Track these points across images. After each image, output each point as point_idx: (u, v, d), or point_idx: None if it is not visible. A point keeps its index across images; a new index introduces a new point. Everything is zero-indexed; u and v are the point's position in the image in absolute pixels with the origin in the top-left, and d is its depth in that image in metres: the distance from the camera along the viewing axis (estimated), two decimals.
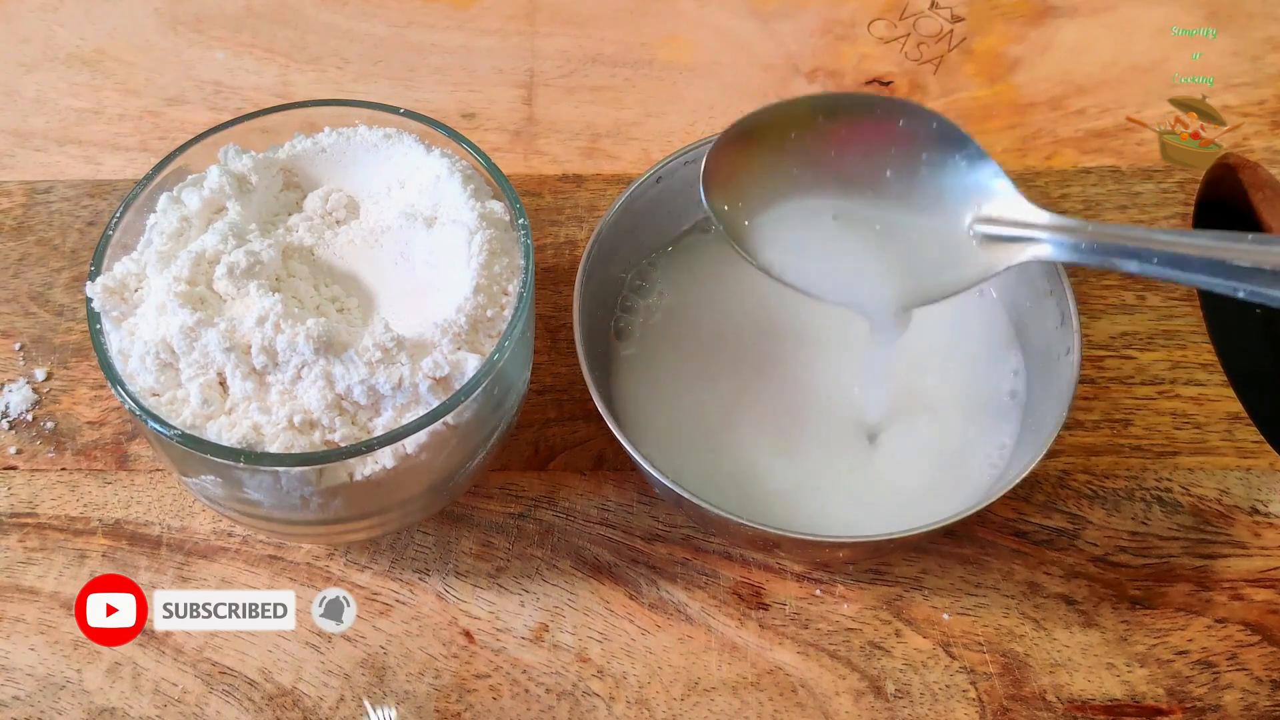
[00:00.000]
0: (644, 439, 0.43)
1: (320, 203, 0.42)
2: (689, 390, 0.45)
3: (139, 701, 0.41)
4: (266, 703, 0.41)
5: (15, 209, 0.54)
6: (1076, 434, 0.46)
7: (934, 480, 0.43)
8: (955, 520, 0.37)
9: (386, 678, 0.41)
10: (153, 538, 0.44)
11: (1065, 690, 0.41)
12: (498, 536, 0.44)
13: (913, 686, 0.41)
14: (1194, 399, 0.47)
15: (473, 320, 0.38)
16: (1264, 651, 0.41)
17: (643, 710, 0.40)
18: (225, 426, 0.36)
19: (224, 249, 0.38)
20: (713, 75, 0.58)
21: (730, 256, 0.48)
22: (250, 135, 0.42)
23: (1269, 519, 0.44)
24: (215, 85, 0.58)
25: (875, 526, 0.39)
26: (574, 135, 0.56)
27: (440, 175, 0.41)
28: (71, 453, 0.46)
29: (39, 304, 0.50)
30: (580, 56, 0.59)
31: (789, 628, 0.42)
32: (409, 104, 0.44)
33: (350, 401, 0.36)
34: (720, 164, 0.41)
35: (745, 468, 0.43)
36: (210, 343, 0.36)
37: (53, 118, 0.57)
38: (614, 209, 0.44)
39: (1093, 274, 0.50)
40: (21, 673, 0.41)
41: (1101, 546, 0.44)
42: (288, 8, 0.61)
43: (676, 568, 0.43)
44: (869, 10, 0.61)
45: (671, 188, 0.46)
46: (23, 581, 0.43)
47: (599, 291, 0.45)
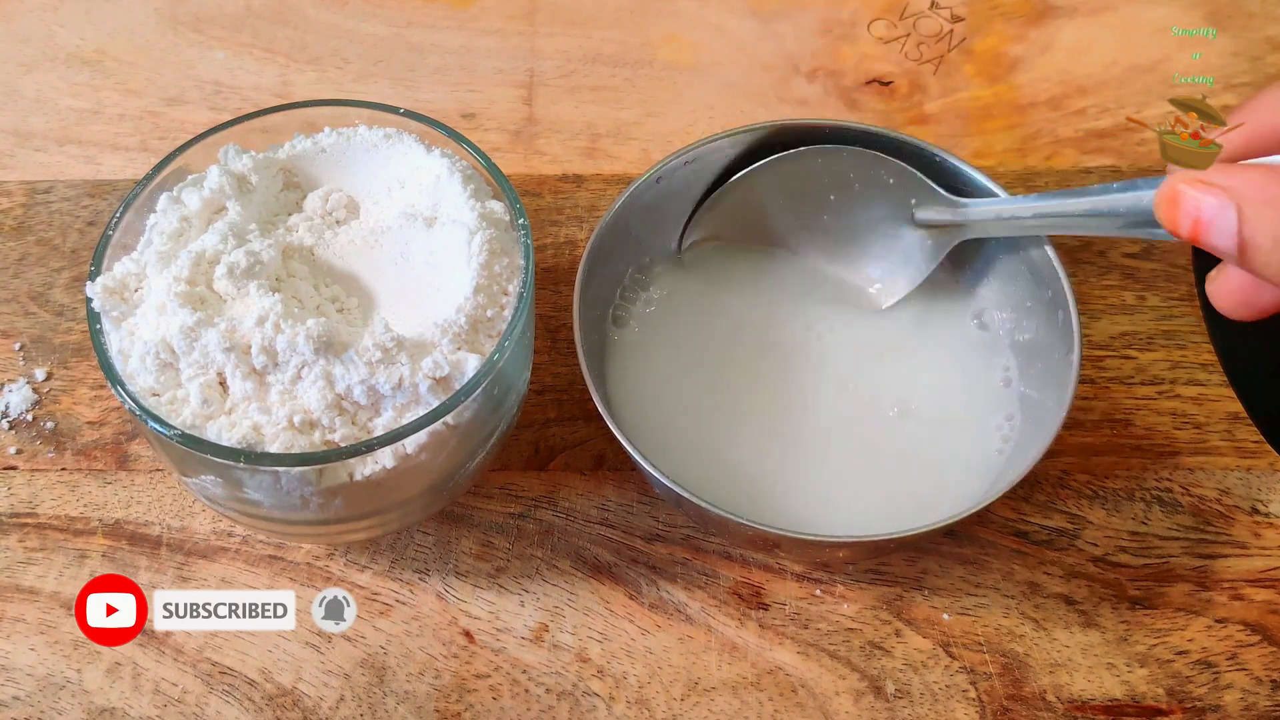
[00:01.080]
0: (643, 438, 0.43)
1: (320, 203, 0.42)
2: (689, 390, 0.45)
3: (139, 701, 0.41)
4: (266, 703, 0.41)
5: (15, 209, 0.54)
6: (1076, 434, 0.46)
7: (934, 480, 0.43)
8: (955, 520, 0.37)
9: (386, 678, 0.41)
10: (153, 538, 0.44)
11: (1065, 690, 0.41)
12: (498, 536, 0.44)
13: (913, 686, 0.41)
14: (1194, 399, 0.47)
15: (473, 320, 0.38)
16: (1264, 651, 0.41)
17: (643, 710, 0.40)
18: (225, 426, 0.36)
19: (224, 249, 0.38)
20: (713, 75, 0.58)
21: (730, 257, 0.48)
22: (250, 135, 0.42)
23: (1269, 519, 0.44)
24: (215, 85, 0.58)
25: (876, 526, 0.39)
26: (574, 135, 0.56)
27: (440, 175, 0.41)
28: (71, 453, 0.46)
29: (39, 304, 0.50)
30: (580, 56, 0.59)
31: (789, 628, 0.42)
32: (409, 104, 0.44)
33: (350, 401, 0.36)
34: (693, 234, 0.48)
35: (746, 467, 0.43)
36: (210, 343, 0.36)
37: (53, 118, 0.57)
38: (613, 209, 0.44)
39: (1093, 274, 0.50)
40: (21, 673, 0.41)
41: (1101, 546, 0.44)
42: (288, 8, 0.61)
43: (676, 568, 0.43)
44: (869, 10, 0.61)
45: (671, 188, 0.46)
46: (23, 581, 0.43)
47: (599, 291, 0.45)
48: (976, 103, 0.57)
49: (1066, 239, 0.51)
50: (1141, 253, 0.51)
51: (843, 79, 0.58)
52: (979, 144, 0.55)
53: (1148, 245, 0.51)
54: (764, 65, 0.59)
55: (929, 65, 0.58)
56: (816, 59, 0.59)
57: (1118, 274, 0.51)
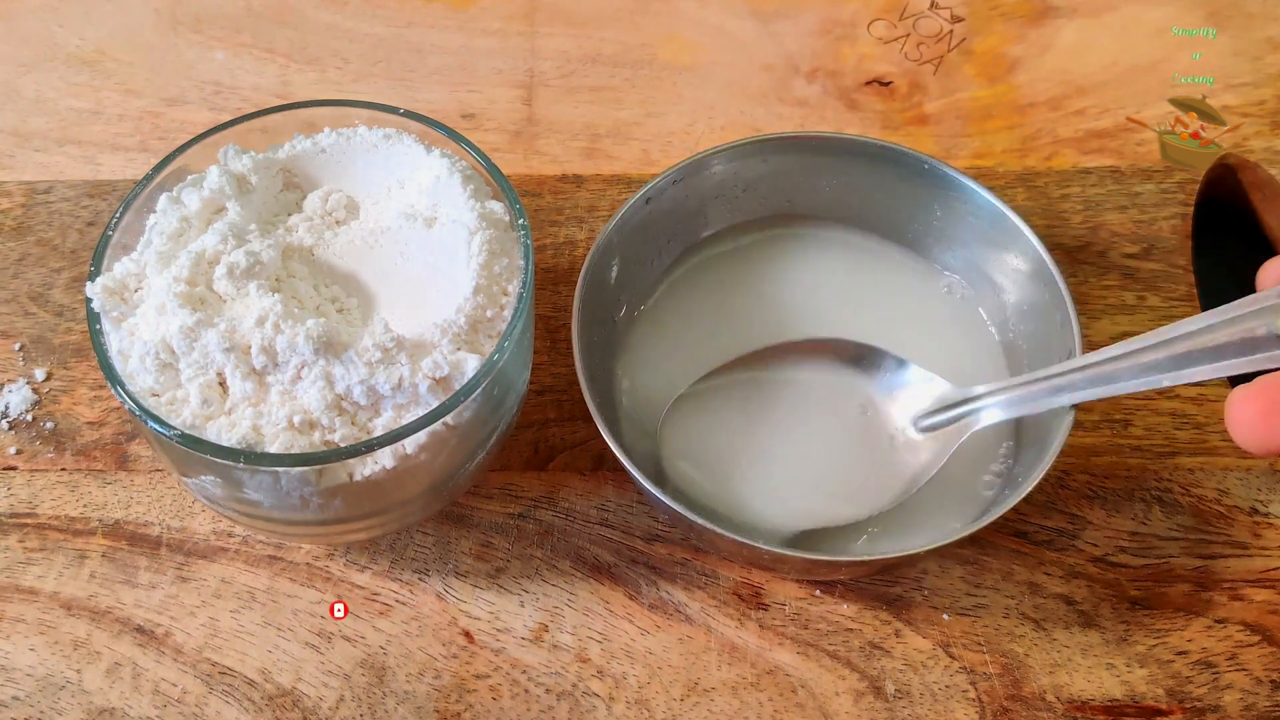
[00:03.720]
0: (642, 441, 0.43)
1: (320, 203, 0.42)
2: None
3: (139, 701, 0.41)
4: (266, 703, 0.41)
5: (15, 209, 0.54)
6: (1076, 434, 0.46)
7: (937, 491, 0.42)
8: (958, 539, 0.37)
9: (386, 678, 0.41)
10: (153, 538, 0.44)
11: (1065, 690, 0.41)
12: (497, 537, 0.44)
13: (913, 687, 0.41)
14: (1194, 399, 0.47)
15: (472, 320, 0.38)
16: (1264, 651, 0.41)
17: (642, 710, 0.40)
18: (225, 427, 0.36)
19: (224, 249, 0.38)
20: (713, 75, 0.58)
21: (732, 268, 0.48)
22: (250, 135, 0.42)
23: (1269, 519, 0.44)
24: (215, 85, 0.58)
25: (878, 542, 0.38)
26: (574, 135, 0.56)
27: (440, 175, 0.41)
28: (71, 453, 0.46)
29: (39, 304, 0.50)
30: (580, 56, 0.59)
31: (789, 628, 0.42)
32: (409, 104, 0.44)
33: (350, 402, 0.36)
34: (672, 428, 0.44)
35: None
36: (210, 343, 0.36)
37: (52, 118, 0.57)
38: (606, 230, 0.44)
39: (1093, 274, 0.50)
40: (21, 673, 0.41)
41: (1101, 547, 0.44)
42: (288, 8, 0.61)
43: (676, 568, 0.43)
44: (869, 10, 0.61)
45: (661, 206, 0.46)
46: (23, 581, 0.43)
47: (599, 296, 0.45)
48: (976, 103, 0.57)
49: (1066, 240, 0.51)
50: (1141, 253, 0.51)
51: (842, 79, 0.58)
52: (979, 144, 0.55)
53: (1148, 245, 0.51)
54: (764, 65, 0.59)
55: (929, 65, 0.58)
56: (816, 59, 0.59)
57: (1118, 274, 0.51)
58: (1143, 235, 0.52)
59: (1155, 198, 0.53)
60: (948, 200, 0.46)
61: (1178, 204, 0.52)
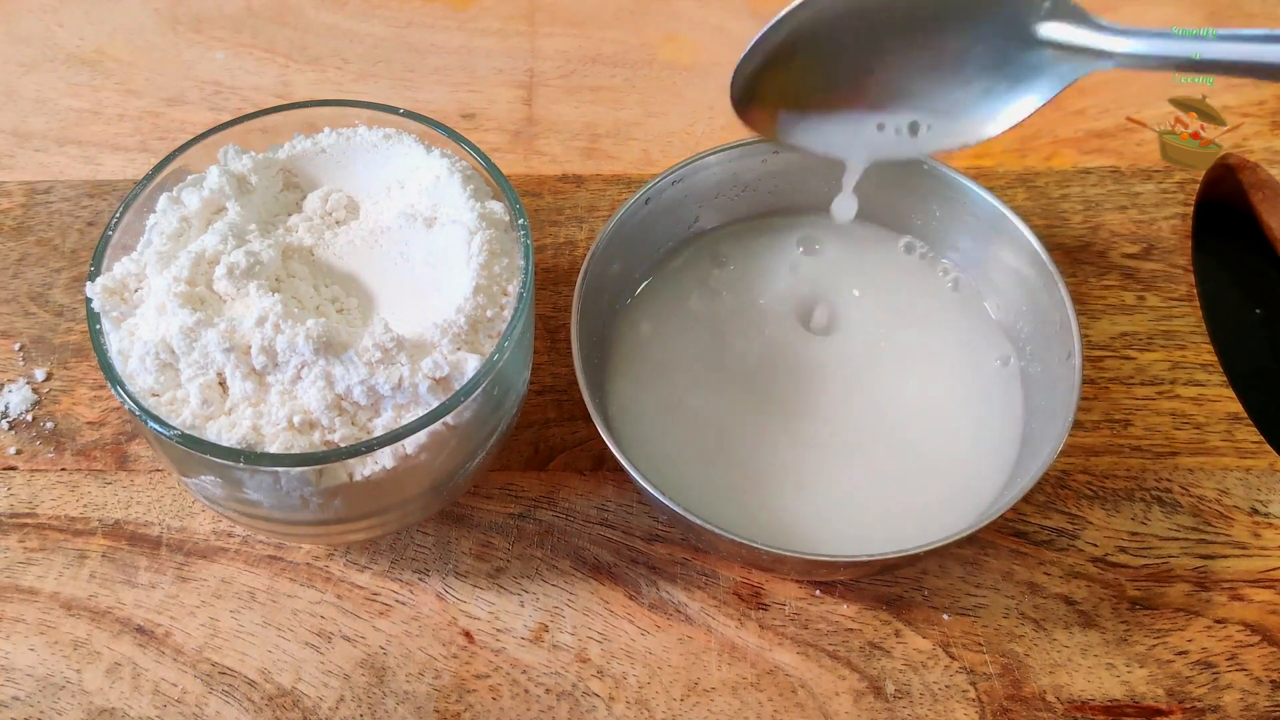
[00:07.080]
0: (642, 443, 0.43)
1: (320, 203, 0.42)
2: (687, 397, 0.45)
3: (139, 702, 0.41)
4: (266, 703, 0.41)
5: (15, 209, 0.54)
6: (1076, 434, 0.46)
7: (936, 491, 0.42)
8: (959, 538, 0.37)
9: (386, 678, 0.41)
10: (153, 538, 0.44)
11: (1065, 691, 0.41)
12: (497, 537, 0.44)
13: (912, 687, 0.41)
14: (1194, 399, 0.47)
15: (472, 320, 0.38)
16: (1264, 651, 0.41)
17: (642, 711, 0.40)
18: (225, 427, 0.36)
19: (224, 249, 0.38)
20: (713, 75, 0.58)
21: (732, 268, 0.48)
22: (250, 135, 0.42)
23: (1269, 519, 0.44)
24: (215, 85, 0.58)
25: (877, 540, 0.39)
26: (574, 135, 0.56)
27: (440, 175, 0.41)
28: (71, 453, 0.46)
29: (39, 304, 0.50)
30: (580, 56, 0.59)
31: (789, 628, 0.42)
32: (409, 104, 0.44)
33: (350, 402, 0.36)
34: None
35: (744, 478, 0.43)
36: (210, 343, 0.36)
37: (52, 118, 0.57)
38: (606, 230, 0.44)
39: (1092, 274, 0.50)
40: (21, 673, 0.41)
41: (1101, 546, 0.44)
42: (288, 8, 0.61)
43: (676, 568, 0.43)
44: None
45: (660, 205, 0.46)
46: (22, 581, 0.43)
47: (598, 297, 0.45)
48: None
49: (1066, 240, 0.51)
50: (1141, 253, 0.51)
51: None
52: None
53: (1148, 245, 0.51)
54: None
55: None
56: None
57: (1117, 274, 0.51)
58: (1143, 235, 0.52)
59: (1155, 198, 0.53)
60: (947, 200, 0.46)
61: (1178, 204, 0.52)
